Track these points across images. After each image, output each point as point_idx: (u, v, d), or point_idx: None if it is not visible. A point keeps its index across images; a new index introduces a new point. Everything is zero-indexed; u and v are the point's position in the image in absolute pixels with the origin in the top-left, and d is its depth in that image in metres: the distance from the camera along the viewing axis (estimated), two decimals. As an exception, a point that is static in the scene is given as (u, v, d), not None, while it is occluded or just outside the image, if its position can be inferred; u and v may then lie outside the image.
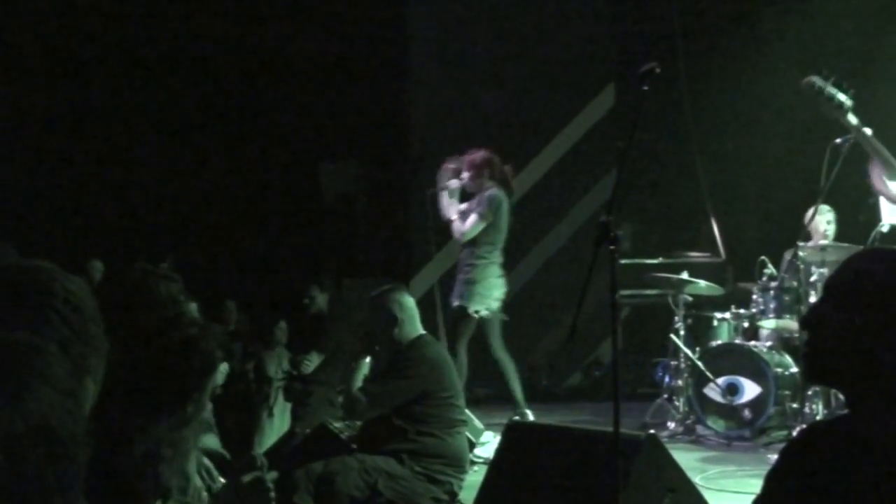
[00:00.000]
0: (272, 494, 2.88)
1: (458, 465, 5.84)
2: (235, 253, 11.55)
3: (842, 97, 6.48)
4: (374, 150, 11.77)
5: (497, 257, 8.39)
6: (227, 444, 6.39)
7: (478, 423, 7.97)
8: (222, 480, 4.37)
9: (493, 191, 8.33)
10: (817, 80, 6.50)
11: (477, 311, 8.24)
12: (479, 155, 8.42)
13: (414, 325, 5.95)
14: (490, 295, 8.32)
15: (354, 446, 6.00)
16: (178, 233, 11.06)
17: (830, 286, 2.42)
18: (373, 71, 12.03)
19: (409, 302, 6.02)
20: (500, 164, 8.48)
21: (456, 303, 8.22)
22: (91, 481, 1.22)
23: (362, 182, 11.80)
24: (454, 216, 8.38)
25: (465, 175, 8.39)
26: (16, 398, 1.13)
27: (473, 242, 8.28)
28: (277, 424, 8.22)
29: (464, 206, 8.43)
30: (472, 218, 8.26)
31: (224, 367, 7.92)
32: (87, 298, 1.30)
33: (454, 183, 8.46)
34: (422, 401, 5.71)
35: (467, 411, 6.80)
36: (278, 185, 12.09)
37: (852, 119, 6.54)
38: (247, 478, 2.86)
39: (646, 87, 4.44)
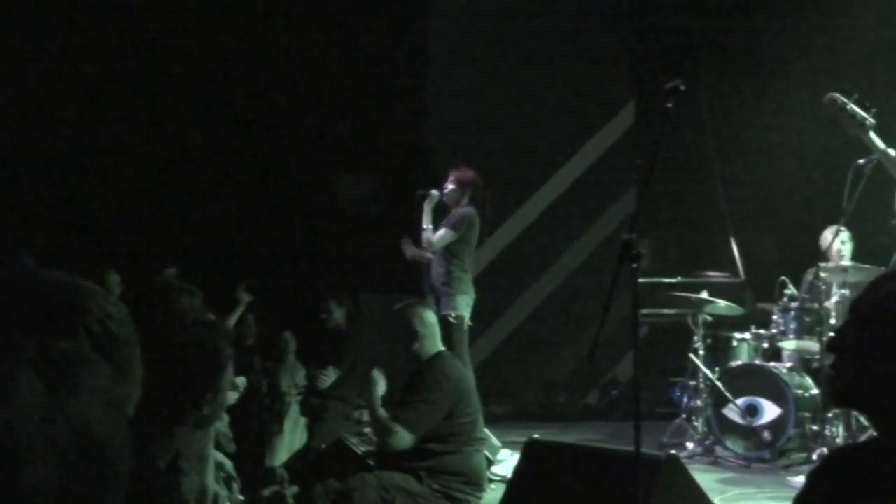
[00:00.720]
0: (291, 510, 2.86)
1: (477, 483, 5.79)
2: (252, 267, 11.53)
3: (864, 115, 6.44)
4: (392, 164, 11.76)
5: (469, 273, 8.46)
6: (237, 459, 6.36)
7: (495, 441, 7.93)
8: (241, 497, 4.33)
9: (469, 209, 8.45)
10: (839, 98, 6.47)
11: (469, 321, 8.28)
12: (467, 174, 8.60)
13: (434, 341, 5.91)
14: (471, 305, 8.35)
15: (371, 462, 5.96)
16: (195, 246, 11.04)
17: (856, 308, 2.38)
18: (391, 85, 12.02)
19: (431, 318, 5.98)
20: (482, 190, 8.61)
21: (453, 314, 8.18)
22: None
23: (380, 196, 11.79)
24: (426, 225, 8.44)
25: (448, 187, 8.50)
26: (62, 404, 1.11)
27: (447, 260, 8.32)
28: (289, 440, 8.18)
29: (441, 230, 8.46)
30: (443, 231, 8.39)
31: (241, 381, 7.91)
32: (125, 323, 1.27)
33: (434, 192, 8.55)
34: (445, 419, 5.66)
35: (485, 429, 6.76)
36: (296, 199, 12.08)
37: (874, 137, 6.50)
38: (267, 492, 2.83)
39: (670, 105, 4.41)
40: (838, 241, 8.40)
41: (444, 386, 5.70)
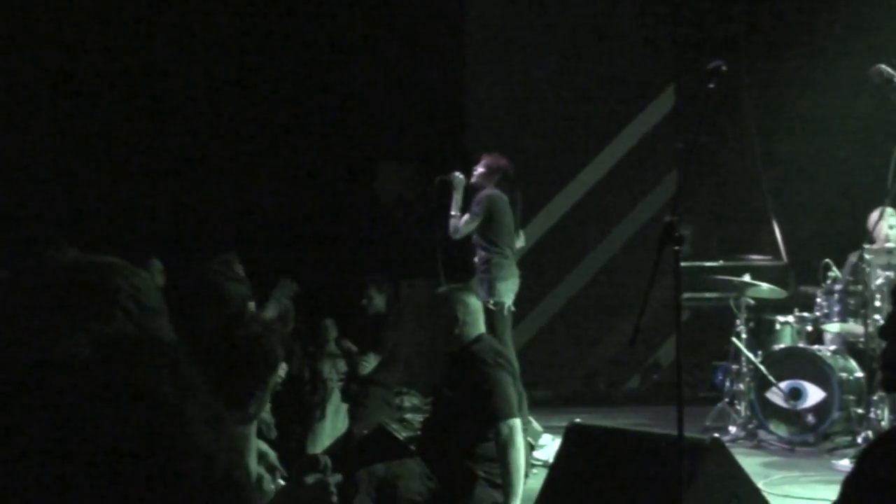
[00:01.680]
0: (335, 498, 2.84)
1: (519, 468, 5.77)
2: (293, 253, 11.58)
3: None
4: (433, 151, 11.75)
5: (510, 255, 8.36)
6: (280, 446, 6.37)
7: (537, 426, 7.93)
8: (282, 482, 4.35)
9: (491, 191, 8.35)
10: (885, 69, 6.40)
11: (510, 306, 8.22)
12: (499, 161, 8.51)
13: (476, 327, 5.88)
14: (514, 290, 8.29)
15: (413, 448, 5.96)
16: (236, 234, 11.10)
17: (895, 293, 2.37)
18: (432, 72, 12.01)
19: (475, 303, 5.94)
20: (511, 178, 8.50)
21: (492, 300, 8.13)
22: None
23: (420, 183, 11.80)
24: (454, 212, 8.39)
25: (478, 170, 8.43)
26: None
27: (484, 247, 8.27)
28: (330, 426, 8.21)
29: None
30: (466, 217, 8.30)
31: (283, 368, 7.92)
32: (153, 293, 1.27)
33: (457, 174, 8.48)
34: None
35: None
36: (337, 186, 12.11)
37: None
38: (309, 479, 2.83)
39: (711, 85, 4.37)
40: (886, 223, 8.31)
41: (498, 361, 5.67)
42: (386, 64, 12.10)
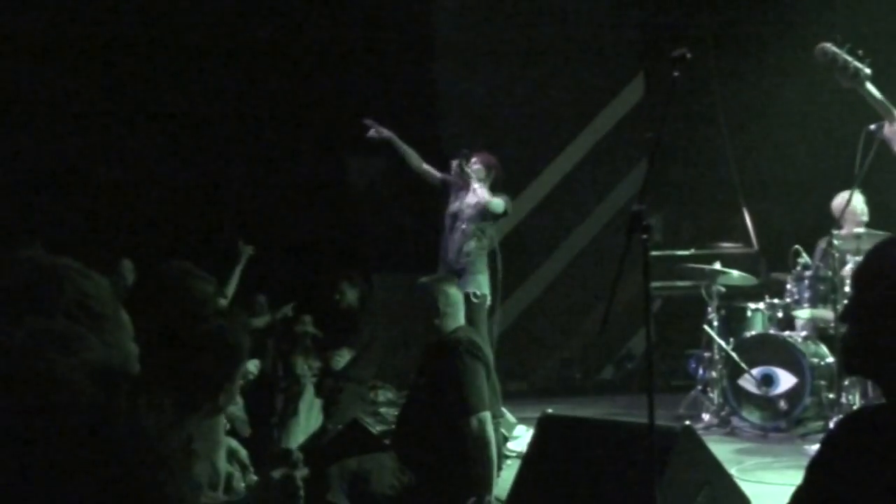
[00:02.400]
0: (301, 493, 2.84)
1: (493, 460, 5.77)
2: (264, 248, 11.55)
3: (857, 65, 6.31)
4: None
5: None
6: (253, 443, 6.36)
7: (511, 417, 7.94)
8: (254, 478, 4.34)
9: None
10: (830, 48, 6.33)
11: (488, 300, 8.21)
12: (492, 159, 8.48)
13: (456, 319, 5.87)
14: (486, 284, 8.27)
15: (387, 442, 5.95)
16: (206, 230, 11.06)
17: (854, 276, 2.39)
18: (401, 63, 11.99)
19: (457, 295, 5.93)
20: (501, 178, 8.45)
21: (478, 292, 8.08)
22: None
23: (391, 175, 11.78)
24: (475, 186, 8.27)
25: (476, 165, 8.35)
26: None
27: (479, 238, 8.21)
28: (304, 422, 8.20)
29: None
30: (500, 198, 8.21)
31: (255, 364, 7.91)
32: (102, 297, 1.26)
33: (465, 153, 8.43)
34: None
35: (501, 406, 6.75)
36: (306, 180, 12.07)
37: (871, 88, 6.37)
38: (277, 473, 2.82)
39: (676, 73, 4.37)
40: (860, 205, 8.33)
41: (472, 352, 5.66)
42: (356, 57, 12.06)
